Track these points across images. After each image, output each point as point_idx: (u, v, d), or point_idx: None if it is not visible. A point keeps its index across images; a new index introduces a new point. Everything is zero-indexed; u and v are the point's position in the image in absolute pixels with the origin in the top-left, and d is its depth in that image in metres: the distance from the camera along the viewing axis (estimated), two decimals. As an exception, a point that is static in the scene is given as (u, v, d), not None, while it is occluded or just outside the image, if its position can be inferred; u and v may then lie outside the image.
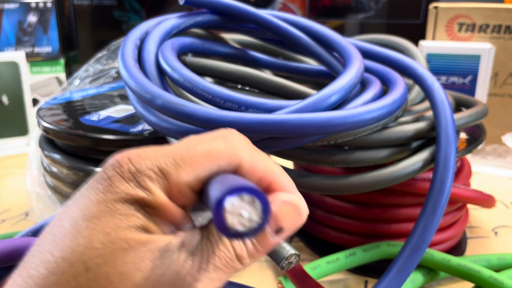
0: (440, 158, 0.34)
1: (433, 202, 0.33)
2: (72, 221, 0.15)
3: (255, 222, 0.14)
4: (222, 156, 0.17)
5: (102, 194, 0.16)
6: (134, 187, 0.16)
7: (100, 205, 0.15)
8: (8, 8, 0.80)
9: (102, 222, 0.15)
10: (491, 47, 0.66)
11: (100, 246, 0.15)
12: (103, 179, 0.16)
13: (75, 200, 0.16)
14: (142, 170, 0.16)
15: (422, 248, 0.32)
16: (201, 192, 0.17)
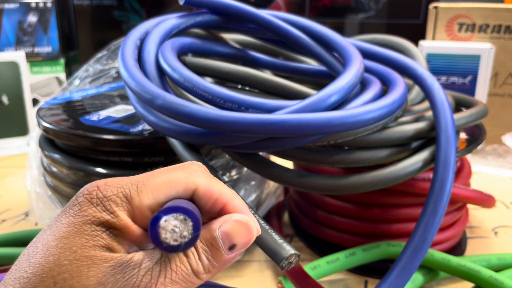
0: (440, 159, 0.34)
1: (433, 203, 0.33)
2: (44, 241, 0.17)
3: (186, 237, 0.17)
4: (180, 183, 0.19)
5: (72, 217, 0.18)
6: (101, 210, 0.18)
7: (69, 227, 0.17)
8: (8, 8, 0.80)
9: (70, 241, 0.17)
10: (491, 47, 0.66)
11: (67, 262, 0.17)
12: (74, 205, 0.18)
13: (50, 225, 0.18)
14: (108, 196, 0.18)
15: (424, 248, 0.32)
16: None
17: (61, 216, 0.18)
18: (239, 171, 0.46)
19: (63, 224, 0.18)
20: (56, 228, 0.18)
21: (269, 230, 0.27)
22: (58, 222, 0.18)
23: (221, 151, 0.44)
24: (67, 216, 0.18)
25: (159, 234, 0.16)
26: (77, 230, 0.17)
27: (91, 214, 0.18)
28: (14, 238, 0.42)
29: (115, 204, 0.18)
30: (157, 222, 0.16)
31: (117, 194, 0.18)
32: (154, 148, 0.40)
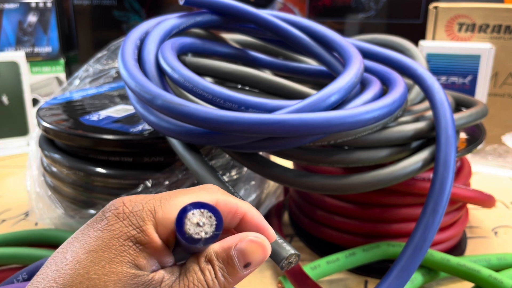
0: (440, 158, 0.34)
1: (433, 202, 0.33)
2: (74, 254, 0.18)
3: (208, 234, 0.17)
4: (201, 198, 0.20)
5: (100, 232, 0.19)
6: (127, 225, 0.19)
7: (98, 241, 0.18)
8: (8, 8, 0.80)
9: (99, 256, 0.18)
10: (491, 47, 0.66)
11: (95, 276, 0.18)
12: (101, 219, 0.19)
13: (76, 237, 0.19)
14: (134, 211, 0.19)
15: (424, 248, 0.32)
16: None
17: (88, 229, 0.19)
18: (239, 171, 0.46)
19: (91, 237, 0.18)
20: (85, 241, 0.18)
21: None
22: (86, 236, 0.19)
23: (221, 151, 0.44)
24: (94, 230, 0.19)
25: (184, 224, 0.17)
26: (105, 244, 0.18)
27: (118, 229, 0.18)
28: (14, 238, 0.42)
29: (141, 219, 0.19)
30: (185, 213, 0.17)
31: (143, 209, 0.19)
32: (154, 148, 0.40)
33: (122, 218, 0.19)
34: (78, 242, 0.19)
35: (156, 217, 0.19)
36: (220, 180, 0.34)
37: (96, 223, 0.19)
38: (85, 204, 0.43)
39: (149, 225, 0.19)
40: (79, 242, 0.19)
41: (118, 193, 0.41)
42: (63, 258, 0.18)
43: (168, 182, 0.40)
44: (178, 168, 0.41)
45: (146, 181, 0.40)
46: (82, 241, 0.19)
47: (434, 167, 0.35)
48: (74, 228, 0.43)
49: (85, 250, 0.18)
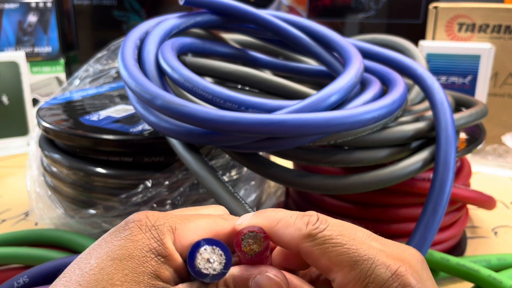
0: (440, 158, 0.34)
1: (433, 202, 0.33)
2: (98, 260, 0.19)
3: (216, 271, 0.18)
4: (220, 228, 0.21)
5: (123, 241, 0.19)
6: (150, 237, 0.19)
7: (122, 250, 0.19)
8: (8, 8, 0.80)
9: (123, 264, 0.19)
10: (491, 47, 0.66)
11: (118, 283, 0.18)
12: (125, 229, 0.20)
13: (100, 244, 0.20)
14: (157, 225, 0.20)
15: (424, 248, 0.32)
16: None
17: (111, 237, 0.20)
18: (239, 171, 0.46)
19: (115, 246, 0.19)
20: (109, 249, 0.19)
21: None
22: (110, 244, 0.19)
23: (221, 151, 0.44)
24: (118, 239, 0.19)
25: (195, 258, 0.18)
26: (129, 254, 0.19)
27: (141, 240, 0.19)
28: (14, 238, 0.42)
29: (162, 232, 0.19)
30: (198, 248, 0.18)
31: (164, 224, 0.20)
32: (154, 148, 0.40)
33: (144, 230, 0.19)
34: (102, 249, 0.19)
35: (176, 233, 0.20)
36: (220, 180, 0.34)
37: (119, 232, 0.20)
38: (85, 204, 0.43)
39: (168, 239, 0.19)
40: (102, 250, 0.19)
41: (118, 193, 0.41)
42: (87, 263, 0.19)
43: (168, 182, 0.40)
44: (178, 168, 0.41)
45: (146, 181, 0.40)
46: (106, 249, 0.19)
47: (434, 167, 0.35)
48: (74, 228, 0.43)
49: (109, 257, 0.19)
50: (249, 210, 0.32)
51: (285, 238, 0.20)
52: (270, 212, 0.21)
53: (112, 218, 0.41)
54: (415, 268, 0.19)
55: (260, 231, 0.19)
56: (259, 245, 0.19)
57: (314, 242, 0.19)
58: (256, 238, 0.19)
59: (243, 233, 0.19)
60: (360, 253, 0.19)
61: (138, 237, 0.19)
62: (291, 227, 0.20)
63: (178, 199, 0.41)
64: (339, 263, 0.19)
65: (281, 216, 0.21)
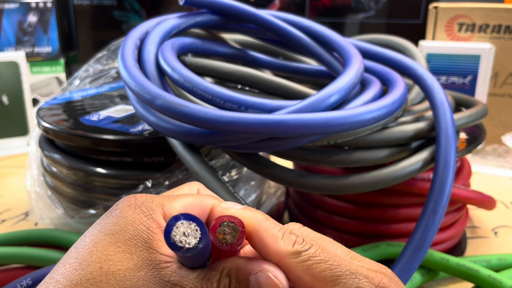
0: (440, 159, 0.34)
1: (433, 203, 0.33)
2: (92, 237, 0.20)
3: (190, 245, 0.18)
4: (204, 205, 0.22)
5: (115, 219, 0.20)
6: (139, 213, 0.20)
7: (114, 226, 0.20)
8: (8, 8, 0.80)
9: (116, 237, 0.20)
10: (491, 47, 0.66)
11: (112, 253, 0.19)
12: (115, 210, 0.21)
13: (93, 227, 0.21)
14: (145, 203, 0.21)
15: (424, 248, 0.32)
16: None
17: (103, 219, 0.21)
18: (239, 171, 0.46)
19: (107, 223, 0.20)
20: (101, 227, 0.20)
21: None
22: (102, 223, 0.21)
23: (221, 151, 0.44)
24: (110, 218, 0.21)
25: (172, 231, 0.18)
26: (121, 228, 0.20)
27: (131, 216, 0.20)
28: (14, 238, 0.42)
29: (151, 208, 0.21)
30: (175, 221, 0.18)
31: (153, 202, 0.21)
32: (154, 148, 0.40)
33: (134, 207, 0.21)
34: (94, 229, 0.20)
35: (165, 208, 0.21)
36: (220, 180, 0.34)
37: (110, 213, 0.21)
38: (85, 204, 0.43)
39: (158, 214, 0.21)
40: (95, 229, 0.20)
41: (118, 193, 0.41)
42: (82, 241, 0.20)
43: (168, 182, 0.40)
44: (178, 168, 0.41)
45: (146, 181, 0.40)
46: (98, 227, 0.20)
47: (434, 167, 0.35)
48: (74, 228, 0.43)
49: (102, 233, 0.20)
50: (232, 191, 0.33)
51: (269, 248, 0.20)
52: (261, 216, 0.21)
53: (112, 218, 0.41)
54: (395, 279, 0.20)
55: (240, 224, 0.19)
56: (233, 236, 0.19)
57: (298, 259, 0.19)
58: (233, 229, 0.19)
59: (223, 219, 0.19)
60: (342, 268, 0.19)
61: (128, 213, 0.20)
62: (277, 240, 0.20)
63: (178, 199, 0.41)
64: (322, 279, 0.19)
65: (270, 226, 0.21)
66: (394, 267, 0.32)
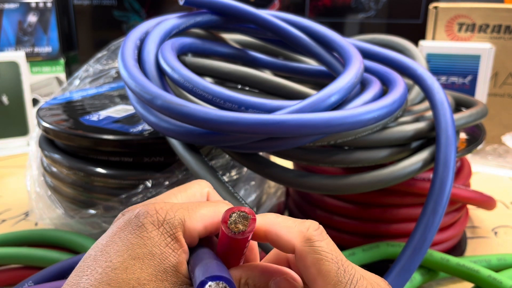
0: (440, 159, 0.34)
1: (433, 203, 0.33)
2: (120, 258, 0.19)
3: None
4: (221, 209, 0.22)
5: (140, 238, 0.20)
6: (164, 233, 0.20)
7: (141, 248, 0.19)
8: (8, 8, 0.80)
9: (146, 263, 0.19)
10: (491, 47, 0.66)
11: (145, 282, 0.19)
12: (138, 226, 0.20)
13: (115, 241, 0.20)
14: (168, 219, 0.20)
15: (423, 248, 0.32)
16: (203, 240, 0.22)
17: (125, 234, 0.20)
18: (239, 171, 0.46)
19: (133, 244, 0.20)
20: (127, 247, 0.20)
21: None
22: (126, 241, 0.20)
23: (221, 151, 0.44)
24: (134, 236, 0.20)
25: None
26: (149, 251, 0.19)
27: (156, 236, 0.20)
28: (14, 238, 0.42)
29: (174, 226, 0.20)
30: (203, 286, 0.18)
31: (174, 218, 0.20)
32: (154, 148, 0.40)
33: (157, 225, 0.20)
34: (119, 247, 0.20)
35: (185, 225, 0.20)
36: (220, 181, 0.34)
37: (132, 229, 0.20)
38: (85, 204, 0.43)
39: (180, 232, 0.20)
40: (120, 247, 0.20)
41: (118, 193, 0.41)
42: (108, 261, 0.19)
43: (168, 182, 0.40)
44: (178, 168, 0.41)
45: (146, 181, 0.40)
46: (123, 246, 0.20)
47: (434, 167, 0.35)
48: (74, 228, 0.43)
49: (131, 256, 0.19)
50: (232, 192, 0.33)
51: (283, 237, 0.20)
52: (271, 214, 0.22)
53: (112, 218, 0.41)
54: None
55: (250, 213, 0.20)
56: (244, 225, 0.19)
57: (310, 248, 0.20)
58: (243, 217, 0.19)
59: (233, 210, 0.20)
60: (346, 274, 0.20)
61: (153, 233, 0.20)
62: (291, 229, 0.20)
63: (178, 199, 0.41)
64: (325, 277, 0.19)
65: (284, 219, 0.21)
66: (394, 267, 0.32)
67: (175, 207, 0.21)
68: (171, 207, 0.21)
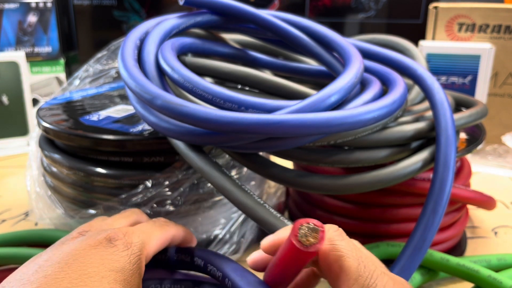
0: (440, 159, 0.34)
1: (433, 203, 0.33)
2: (96, 268, 0.22)
3: None
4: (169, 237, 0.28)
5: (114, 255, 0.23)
6: (132, 254, 0.23)
7: (115, 263, 0.22)
8: (8, 8, 0.80)
9: (119, 276, 0.22)
10: (491, 47, 0.66)
11: None
12: (112, 246, 0.23)
13: (87, 255, 0.22)
14: (134, 242, 0.24)
15: (423, 248, 0.32)
16: None
17: (99, 250, 0.23)
18: (239, 171, 0.46)
19: (109, 259, 0.22)
20: (103, 260, 0.22)
21: (281, 217, 0.29)
22: (102, 256, 0.22)
23: (221, 151, 0.44)
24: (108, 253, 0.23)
25: None
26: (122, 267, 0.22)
27: (127, 255, 0.23)
28: (14, 238, 0.42)
29: (139, 249, 0.24)
30: None
31: (138, 241, 0.24)
32: (154, 148, 0.40)
33: (127, 247, 0.23)
34: (95, 260, 0.22)
35: (145, 248, 0.24)
36: (227, 175, 0.34)
37: (105, 247, 0.23)
38: (85, 204, 0.43)
39: (143, 254, 0.24)
40: (96, 260, 0.22)
41: (118, 193, 0.41)
42: (83, 270, 0.21)
43: (168, 182, 0.40)
44: (178, 168, 0.41)
45: (146, 181, 0.40)
46: (100, 260, 0.22)
47: (434, 167, 0.35)
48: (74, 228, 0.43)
49: (107, 268, 0.22)
50: (259, 201, 0.32)
51: None
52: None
53: (112, 218, 0.41)
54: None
55: (318, 225, 0.20)
56: (315, 237, 0.19)
57: (332, 246, 0.21)
58: (313, 230, 0.19)
59: (301, 223, 0.19)
60: (366, 269, 0.21)
61: (124, 253, 0.23)
62: None
63: (178, 199, 0.41)
64: (347, 272, 0.21)
65: None
66: (394, 267, 0.32)
67: (136, 232, 0.25)
68: (133, 232, 0.25)
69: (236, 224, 0.45)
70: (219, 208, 0.44)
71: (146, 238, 0.25)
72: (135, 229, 0.25)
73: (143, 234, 0.25)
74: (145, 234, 0.25)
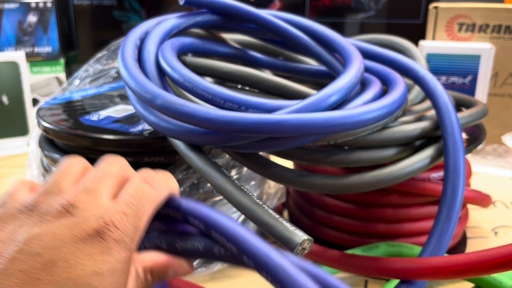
0: (449, 164, 0.34)
1: (447, 209, 0.33)
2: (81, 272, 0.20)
3: None
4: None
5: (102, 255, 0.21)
6: (121, 250, 0.21)
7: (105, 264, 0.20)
8: (8, 8, 0.80)
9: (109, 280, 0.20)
10: (491, 47, 0.66)
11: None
12: (100, 242, 0.21)
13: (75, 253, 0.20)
14: (123, 238, 0.22)
15: (440, 255, 0.32)
16: None
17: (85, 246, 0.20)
18: (239, 171, 0.46)
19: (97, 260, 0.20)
20: (91, 262, 0.20)
21: (279, 218, 0.28)
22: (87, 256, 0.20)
23: (221, 151, 0.44)
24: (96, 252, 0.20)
25: None
26: (112, 268, 0.20)
27: (117, 253, 0.21)
28: (14, 238, 0.42)
29: (130, 240, 0.22)
30: None
31: (131, 229, 0.22)
32: (154, 148, 0.40)
33: (118, 241, 0.21)
34: (82, 260, 0.20)
35: (137, 233, 0.22)
36: (226, 175, 0.34)
37: (93, 244, 0.21)
38: (85, 204, 0.43)
39: (135, 243, 0.22)
40: (84, 261, 0.20)
41: (118, 193, 0.41)
42: (66, 272, 0.19)
43: (168, 182, 0.40)
44: (178, 168, 0.41)
45: (146, 181, 0.40)
46: (87, 261, 0.20)
47: (444, 173, 0.35)
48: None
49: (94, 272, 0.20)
50: (258, 202, 0.32)
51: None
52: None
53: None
54: None
55: None
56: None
57: None
58: None
59: None
60: None
61: (115, 250, 0.21)
62: None
63: (178, 199, 0.41)
64: None
65: None
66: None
67: (125, 227, 0.23)
68: (125, 215, 0.23)
69: (236, 224, 0.45)
70: (219, 208, 0.44)
71: (133, 231, 0.22)
72: (126, 207, 0.22)
73: (130, 226, 0.22)
74: (132, 226, 0.22)
